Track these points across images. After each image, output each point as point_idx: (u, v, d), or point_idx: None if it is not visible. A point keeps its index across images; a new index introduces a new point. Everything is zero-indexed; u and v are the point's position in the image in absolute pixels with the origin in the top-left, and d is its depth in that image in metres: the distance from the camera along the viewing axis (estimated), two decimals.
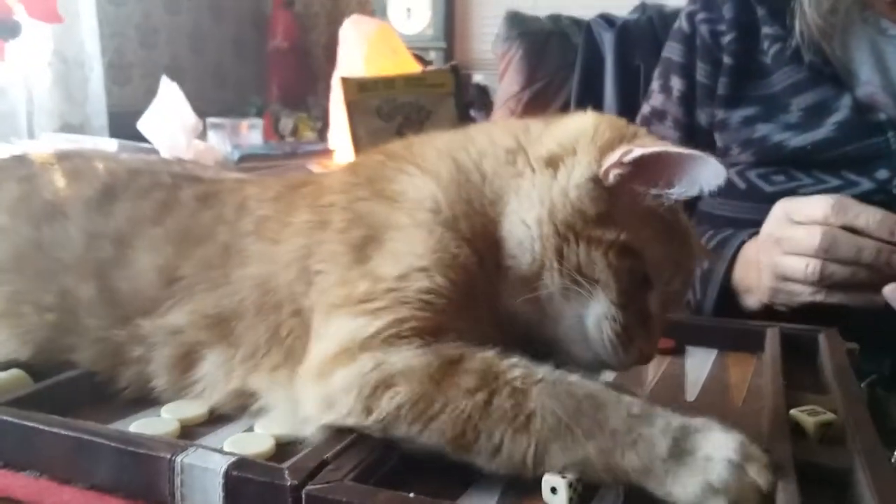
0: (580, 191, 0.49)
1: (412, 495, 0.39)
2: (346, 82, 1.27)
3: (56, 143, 1.69)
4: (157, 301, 0.54)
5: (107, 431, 0.46)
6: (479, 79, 2.72)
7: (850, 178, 0.86)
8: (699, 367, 0.64)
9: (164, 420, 0.51)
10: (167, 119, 1.50)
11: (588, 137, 0.51)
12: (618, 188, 0.49)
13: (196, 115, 1.56)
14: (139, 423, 0.49)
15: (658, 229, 0.50)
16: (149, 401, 0.53)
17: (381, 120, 1.26)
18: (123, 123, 1.84)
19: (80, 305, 0.55)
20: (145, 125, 1.54)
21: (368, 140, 1.24)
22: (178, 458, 0.42)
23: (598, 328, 0.48)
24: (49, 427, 0.46)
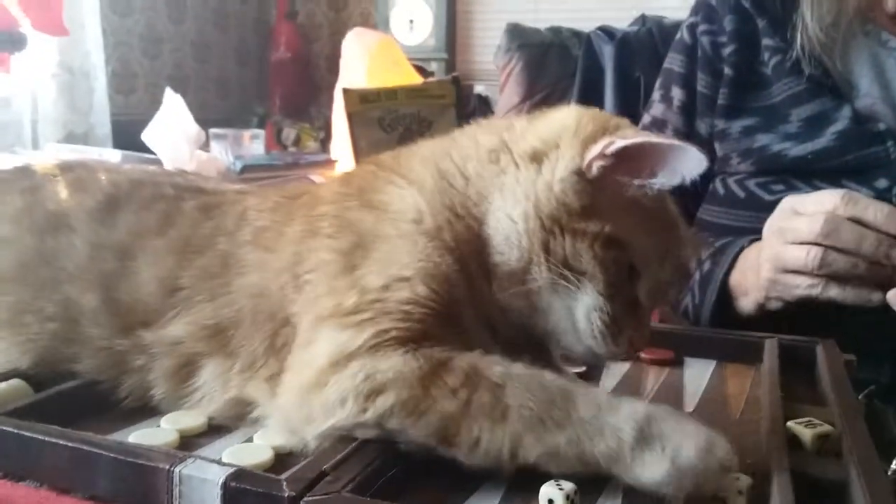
0: (564, 184, 0.49)
1: None
2: (348, 93, 1.28)
3: (60, 153, 1.70)
4: (158, 312, 0.54)
5: (106, 442, 0.46)
6: (480, 90, 2.74)
7: (850, 186, 0.86)
8: (697, 378, 0.64)
9: (163, 430, 0.51)
10: (170, 130, 1.51)
11: (571, 131, 0.51)
12: (601, 180, 0.50)
13: (199, 126, 1.57)
14: (138, 434, 0.49)
15: (643, 219, 0.51)
16: (148, 411, 0.53)
17: (383, 131, 1.27)
18: (127, 133, 1.85)
19: (83, 315, 0.56)
20: (149, 136, 1.55)
21: (370, 151, 1.25)
22: (177, 468, 0.42)
23: (587, 320, 0.49)
24: (48, 437, 0.46)
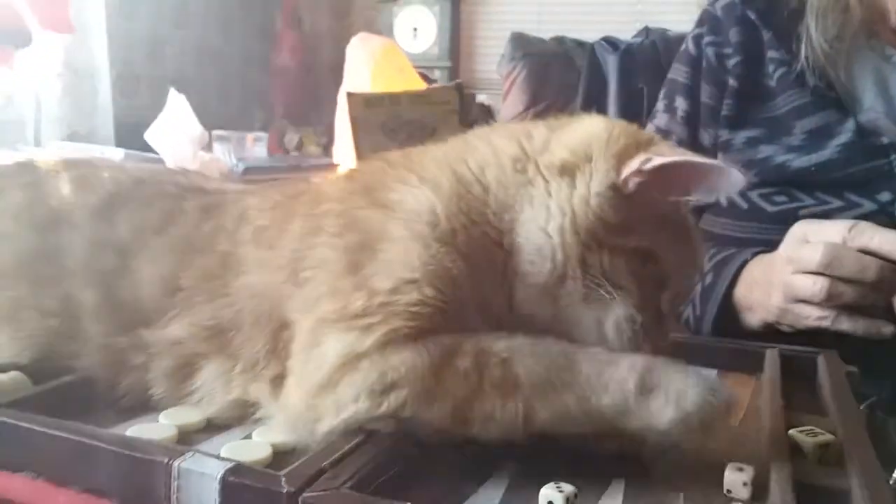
0: (601, 199, 0.49)
1: None
2: (352, 97, 1.28)
3: (62, 151, 1.70)
4: (158, 311, 0.54)
5: (104, 434, 0.46)
6: (482, 99, 2.75)
7: (853, 199, 0.86)
8: None
9: (162, 426, 0.50)
10: (174, 130, 1.52)
11: (602, 144, 0.51)
12: (636, 195, 0.50)
13: (202, 127, 1.57)
14: (137, 428, 0.49)
15: (672, 231, 0.52)
16: (147, 407, 0.53)
17: (386, 136, 1.27)
18: (130, 134, 1.85)
19: (83, 312, 0.55)
20: (152, 136, 1.55)
21: (372, 155, 1.25)
22: (176, 462, 0.42)
23: (617, 331, 0.49)
24: (46, 429, 0.45)
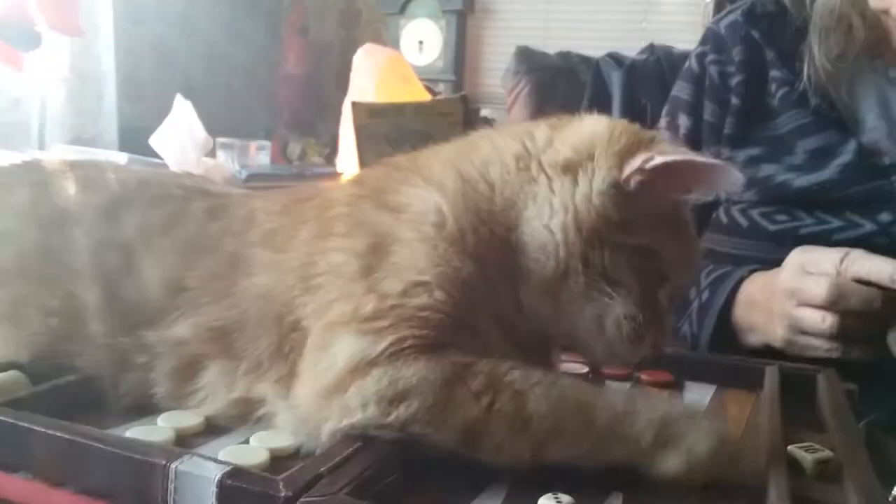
0: (604, 197, 0.50)
1: None
2: (357, 107, 1.29)
3: (67, 154, 1.71)
4: (162, 312, 0.54)
5: (101, 435, 0.46)
6: (486, 113, 2.76)
7: (853, 219, 0.86)
8: (697, 402, 0.63)
9: (160, 428, 0.50)
10: (179, 135, 1.52)
11: (605, 142, 0.52)
12: (638, 193, 0.50)
13: (207, 134, 1.58)
14: (135, 430, 0.49)
15: (672, 229, 0.53)
16: (146, 409, 0.53)
17: (390, 146, 1.27)
18: (134, 140, 1.86)
19: (85, 312, 0.55)
20: (157, 140, 1.56)
21: None
22: (173, 464, 0.42)
23: (616, 327, 0.50)
24: (43, 429, 0.45)
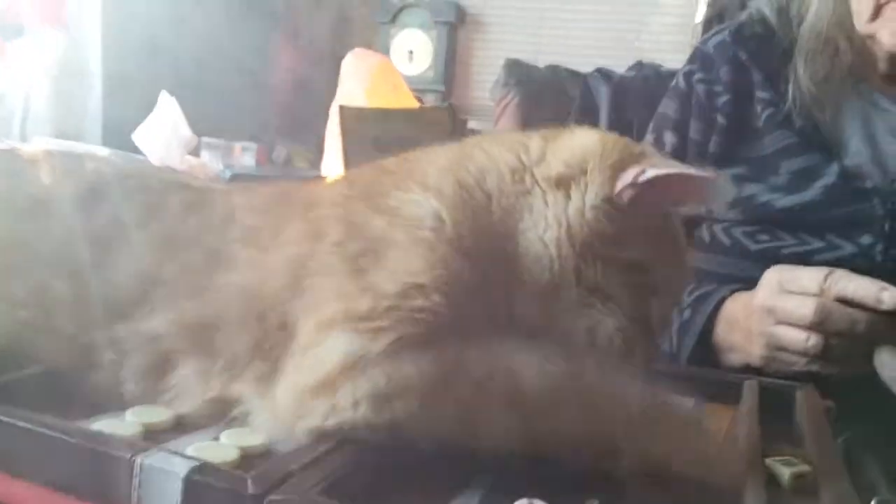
0: (597, 212, 0.50)
1: None
2: (345, 111, 1.29)
3: (46, 145, 1.69)
4: (135, 305, 0.52)
5: (66, 427, 0.44)
6: (473, 125, 2.77)
7: (835, 241, 0.87)
8: None
9: (128, 422, 0.49)
10: (163, 132, 1.51)
11: (597, 156, 0.52)
12: (630, 207, 0.50)
13: (191, 132, 1.56)
14: (101, 423, 0.48)
15: (664, 242, 0.53)
16: (115, 405, 0.51)
17: (377, 151, 1.27)
18: (119, 138, 1.84)
19: (54, 304, 0.54)
20: (140, 136, 1.54)
21: None
22: (139, 458, 0.41)
23: (608, 340, 0.50)
24: (6, 418, 0.44)
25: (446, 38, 3.24)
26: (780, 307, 0.77)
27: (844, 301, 0.73)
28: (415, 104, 1.67)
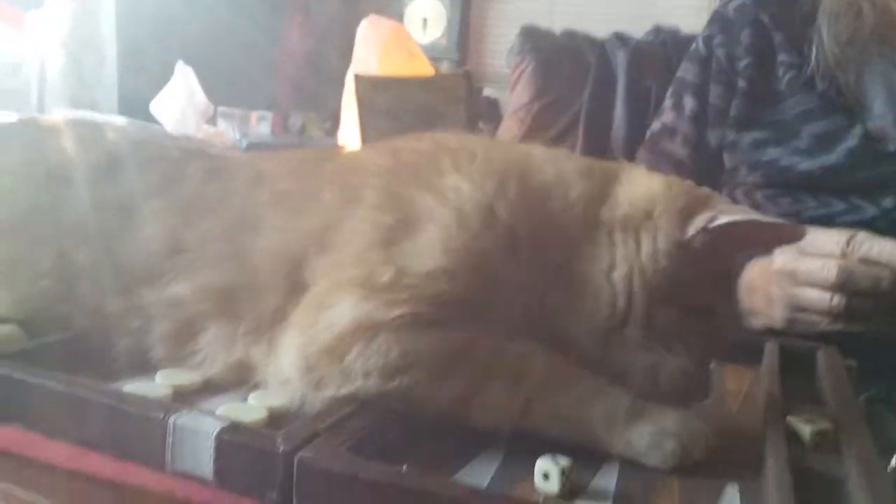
0: (668, 256, 0.50)
1: (405, 468, 0.39)
2: (360, 80, 1.28)
3: (65, 115, 1.69)
4: (159, 271, 0.53)
5: (99, 388, 0.46)
6: (489, 92, 2.74)
7: (857, 203, 0.86)
8: None
9: (158, 385, 0.50)
10: (179, 101, 1.51)
11: (664, 202, 0.52)
12: (700, 251, 0.50)
13: (208, 100, 1.56)
14: (132, 387, 0.49)
15: (727, 287, 0.53)
16: (144, 368, 0.52)
17: (392, 119, 1.27)
18: (134, 108, 1.84)
19: (78, 273, 0.54)
20: (157, 106, 1.54)
21: (378, 138, 1.24)
22: (171, 419, 0.42)
23: (671, 382, 0.50)
24: (41, 380, 0.45)
25: (460, 4, 3.19)
26: (802, 270, 0.76)
27: (868, 262, 0.73)
28: (430, 71, 1.66)
